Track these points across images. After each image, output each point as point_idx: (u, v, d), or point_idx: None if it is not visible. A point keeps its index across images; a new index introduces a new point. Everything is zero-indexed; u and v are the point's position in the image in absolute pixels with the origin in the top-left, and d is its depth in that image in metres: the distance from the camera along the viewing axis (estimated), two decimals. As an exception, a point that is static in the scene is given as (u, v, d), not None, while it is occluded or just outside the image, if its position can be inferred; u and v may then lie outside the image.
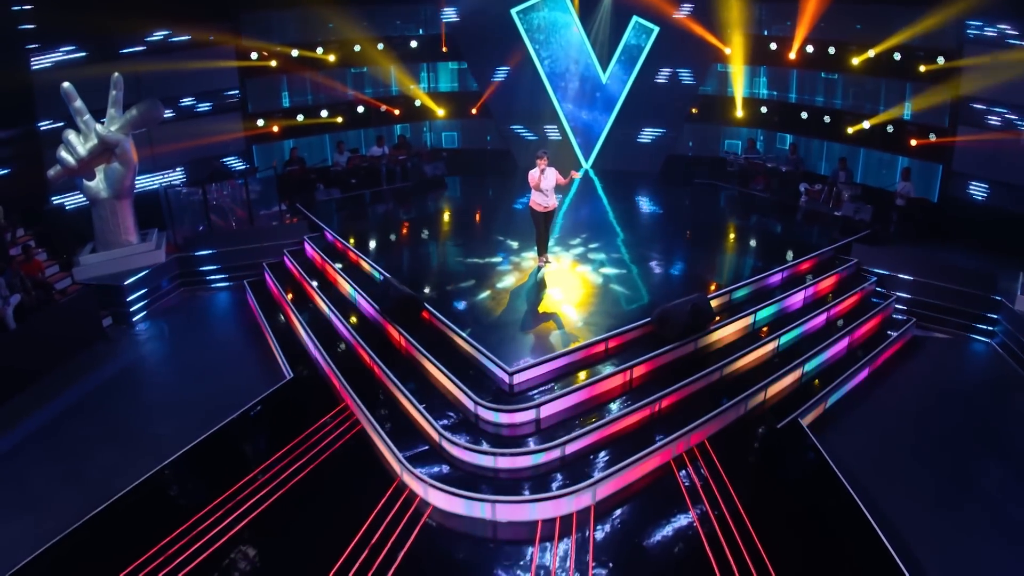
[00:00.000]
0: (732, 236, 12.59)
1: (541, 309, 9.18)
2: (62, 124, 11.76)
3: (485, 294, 9.64)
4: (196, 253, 12.95)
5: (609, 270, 10.42)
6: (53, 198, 12.83)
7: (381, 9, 16.67)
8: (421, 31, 17.20)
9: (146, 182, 13.77)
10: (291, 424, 8.13)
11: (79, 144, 11.45)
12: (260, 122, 15.54)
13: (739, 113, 16.22)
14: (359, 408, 8.03)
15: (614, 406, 7.59)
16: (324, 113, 16.37)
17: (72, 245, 12.36)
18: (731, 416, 7.80)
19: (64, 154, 11.41)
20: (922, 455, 7.78)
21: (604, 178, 16.69)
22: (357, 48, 16.33)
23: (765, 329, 9.24)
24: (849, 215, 12.87)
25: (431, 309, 8.99)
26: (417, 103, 17.56)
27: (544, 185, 9.95)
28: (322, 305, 10.53)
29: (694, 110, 16.73)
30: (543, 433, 7.22)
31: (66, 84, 11.28)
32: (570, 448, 7.06)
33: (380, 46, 16.56)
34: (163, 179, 14.27)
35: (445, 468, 6.98)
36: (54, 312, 10.53)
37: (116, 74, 11.66)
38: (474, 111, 17.81)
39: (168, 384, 9.94)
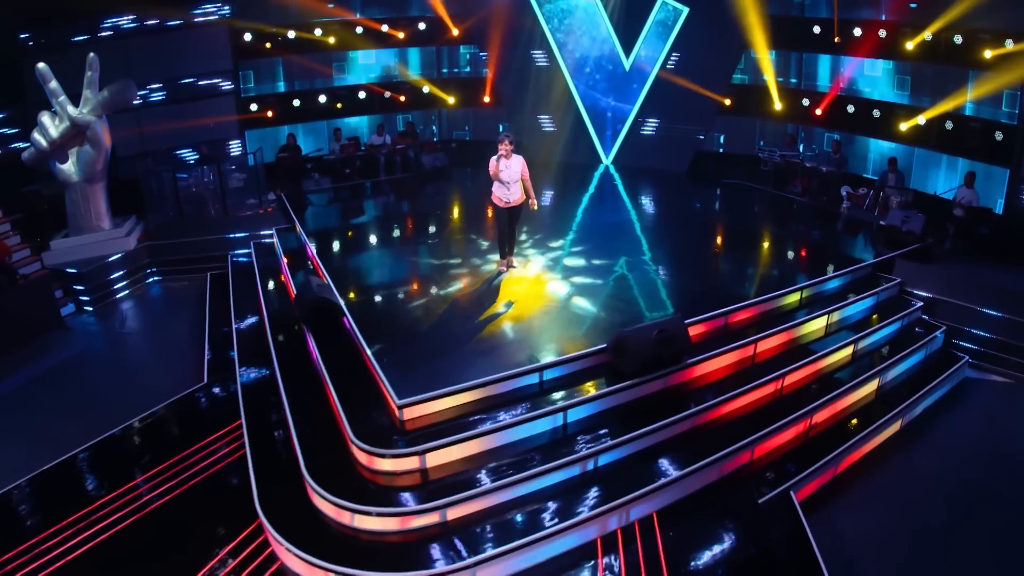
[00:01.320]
0: (751, 246, 10.27)
1: (479, 325, 7.23)
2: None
3: (420, 302, 7.93)
4: (166, 242, 11.84)
5: (584, 279, 8.44)
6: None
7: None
8: (431, 12, 15.50)
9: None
10: (175, 439, 6.93)
11: (52, 126, 10.68)
12: (253, 107, 14.28)
13: (777, 106, 13.80)
14: (245, 431, 6.53)
15: (536, 457, 5.69)
16: (322, 99, 14.97)
17: (50, 229, 11.53)
18: (697, 483, 5.75)
19: (37, 136, 10.68)
20: (963, 549, 5.54)
21: (623, 175, 14.59)
22: (359, 30, 14.84)
23: (767, 363, 7.10)
24: (895, 225, 10.27)
25: (349, 317, 7.34)
26: (425, 90, 15.94)
27: (505, 176, 8.11)
28: (262, 305, 9.08)
29: (727, 102, 14.39)
30: (429, 488, 5.42)
31: (41, 65, 10.45)
32: (455, 512, 5.23)
33: (384, 27, 15.01)
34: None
35: (304, 519, 5.37)
36: (9, 297, 9.68)
37: (92, 55, 10.73)
38: (487, 99, 16.05)
39: (94, 380, 8.80)
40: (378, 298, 8.23)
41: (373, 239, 11.03)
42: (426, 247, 10.17)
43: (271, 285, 9.84)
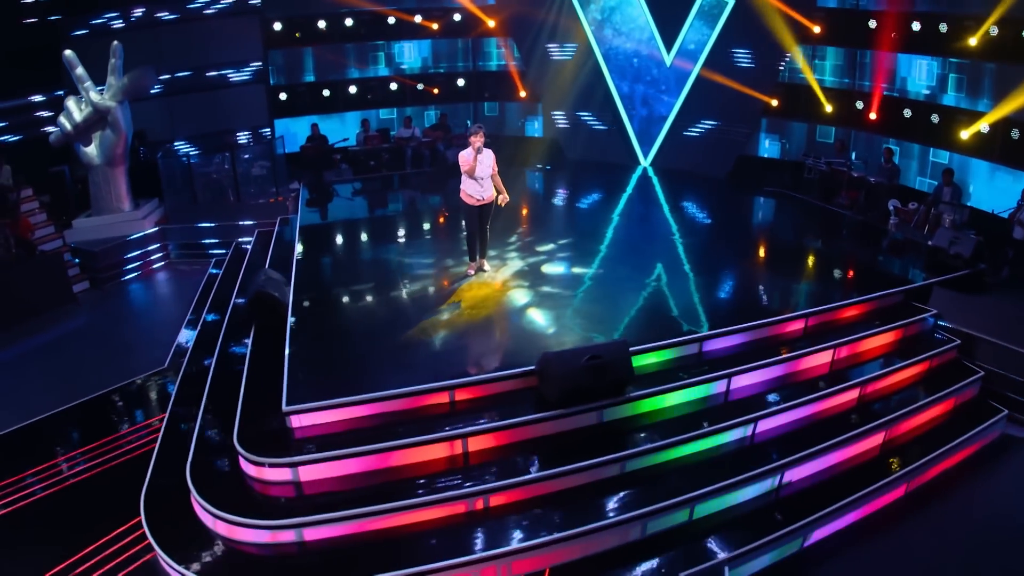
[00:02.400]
0: (768, 263, 8.88)
1: (415, 333, 6.43)
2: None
3: (369, 303, 7.25)
4: (180, 226, 11.89)
5: (553, 289, 7.43)
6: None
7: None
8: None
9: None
10: (107, 423, 6.89)
11: (76, 110, 10.96)
12: (283, 96, 14.13)
13: (827, 108, 12.14)
14: (164, 423, 6.18)
15: (422, 486, 4.88)
16: (352, 89, 14.62)
17: (77, 209, 11.84)
18: (610, 540, 4.74)
19: (63, 119, 10.99)
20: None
21: (659, 178, 13.32)
22: (391, 21, 14.36)
23: (741, 403, 5.90)
24: (942, 246, 8.57)
25: (288, 313, 6.80)
26: (460, 83, 15.28)
27: (480, 171, 7.29)
28: (233, 296, 8.76)
29: (774, 102, 12.83)
30: (293, 503, 4.79)
31: (68, 52, 10.72)
32: (313, 534, 4.54)
33: (418, 18, 14.46)
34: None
35: (179, 519, 5.01)
36: (24, 271, 9.93)
37: (116, 43, 10.87)
38: (523, 94, 15.19)
39: (82, 355, 8.82)
40: (332, 296, 7.63)
41: (361, 234, 10.47)
42: (407, 246, 9.48)
43: (243, 271, 9.50)
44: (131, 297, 10.82)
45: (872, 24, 11.09)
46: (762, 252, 9.30)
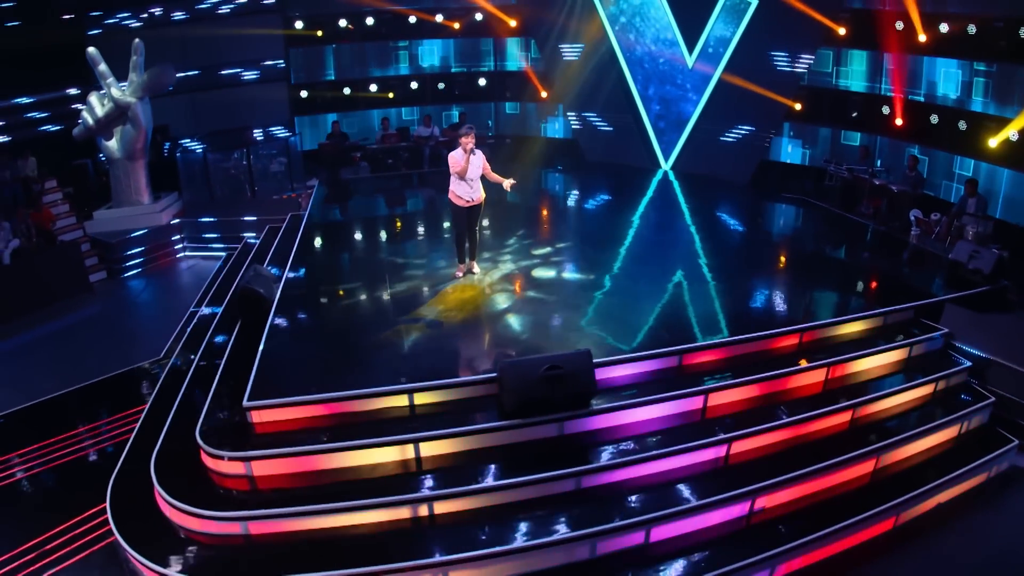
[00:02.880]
0: (773, 273, 8.43)
1: (389, 334, 6.34)
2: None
3: (353, 302, 7.17)
4: (196, 220, 12.11)
5: (538, 295, 7.19)
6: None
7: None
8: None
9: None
10: (96, 409, 7.10)
11: (99, 106, 11.25)
12: (304, 93, 14.27)
13: (853, 113, 11.54)
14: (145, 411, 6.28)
15: (369, 489, 4.79)
16: (373, 88, 14.66)
17: (100, 201, 12.20)
18: (557, 558, 4.48)
19: (86, 114, 11.30)
20: None
21: (678, 183, 12.92)
22: (412, 20, 14.34)
23: (719, 421, 5.56)
24: (961, 260, 8.00)
25: (272, 309, 6.80)
26: (481, 82, 15.16)
27: (471, 172, 7.13)
28: (230, 290, 8.81)
29: (797, 106, 12.26)
30: (256, 497, 4.78)
31: (91, 49, 11.00)
32: (257, 528, 4.57)
33: (439, 18, 14.40)
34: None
35: (141, 507, 5.07)
36: (43, 260, 10.27)
37: (137, 40, 11.11)
38: (544, 95, 14.98)
39: (89, 342, 9.07)
40: (318, 293, 7.61)
41: (363, 233, 10.42)
42: (405, 245, 9.39)
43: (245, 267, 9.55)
44: (144, 288, 11.07)
45: (899, 26, 10.45)
46: (769, 262, 8.85)
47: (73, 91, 12.76)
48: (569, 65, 14.24)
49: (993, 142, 9.29)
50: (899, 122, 10.87)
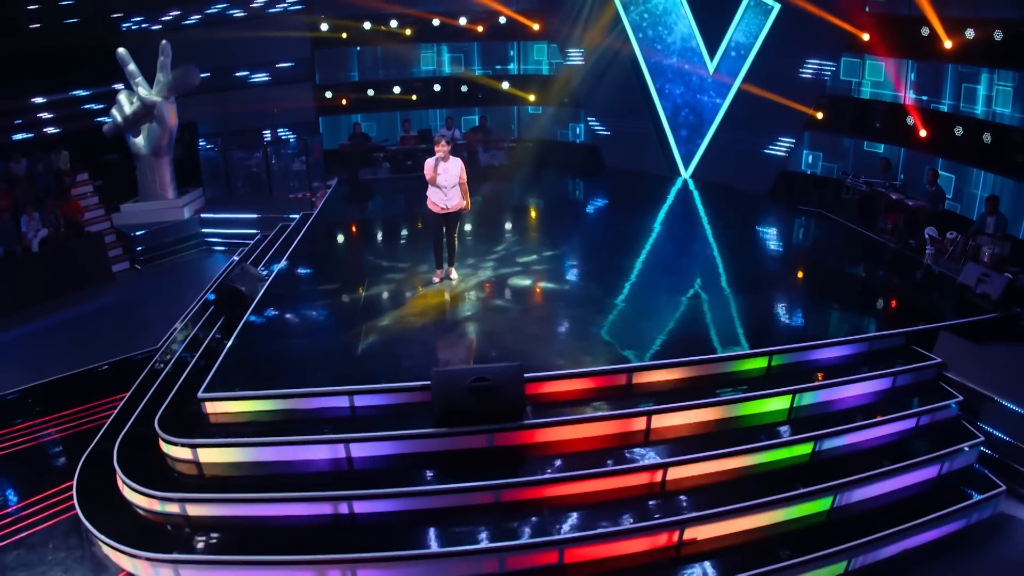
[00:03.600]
0: (765, 290, 7.93)
1: (354, 334, 6.52)
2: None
3: (327, 303, 7.41)
4: (215, 215, 12.74)
5: (505, 304, 7.20)
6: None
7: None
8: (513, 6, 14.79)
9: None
10: (85, 393, 7.49)
11: (127, 104, 11.97)
12: (328, 94, 14.77)
13: (876, 124, 11.02)
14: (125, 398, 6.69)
15: (297, 484, 5.03)
16: (396, 89, 15.03)
17: (127, 194, 13.01)
18: (462, 569, 4.50)
19: (115, 112, 12.03)
20: None
21: (697, 191, 12.70)
22: (436, 23, 14.62)
23: (662, 444, 5.47)
24: (968, 284, 7.51)
25: (250, 309, 7.14)
26: (505, 85, 15.31)
27: (443, 180, 7.27)
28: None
29: (819, 115, 11.82)
30: (200, 482, 5.14)
31: (121, 50, 11.71)
32: (195, 510, 4.97)
33: (462, 20, 14.63)
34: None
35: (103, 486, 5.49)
36: (68, 249, 11.03)
37: (164, 42, 11.76)
38: (565, 99, 14.99)
39: (101, 328, 9.67)
40: (298, 292, 7.84)
41: (361, 234, 10.65)
42: (395, 248, 9.56)
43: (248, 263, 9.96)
44: (161, 279, 11.67)
45: (924, 31, 9.82)
46: (762, 279, 8.36)
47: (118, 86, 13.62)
48: (591, 70, 14.20)
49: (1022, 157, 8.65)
50: (923, 133, 10.29)
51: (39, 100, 12.96)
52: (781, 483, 5.23)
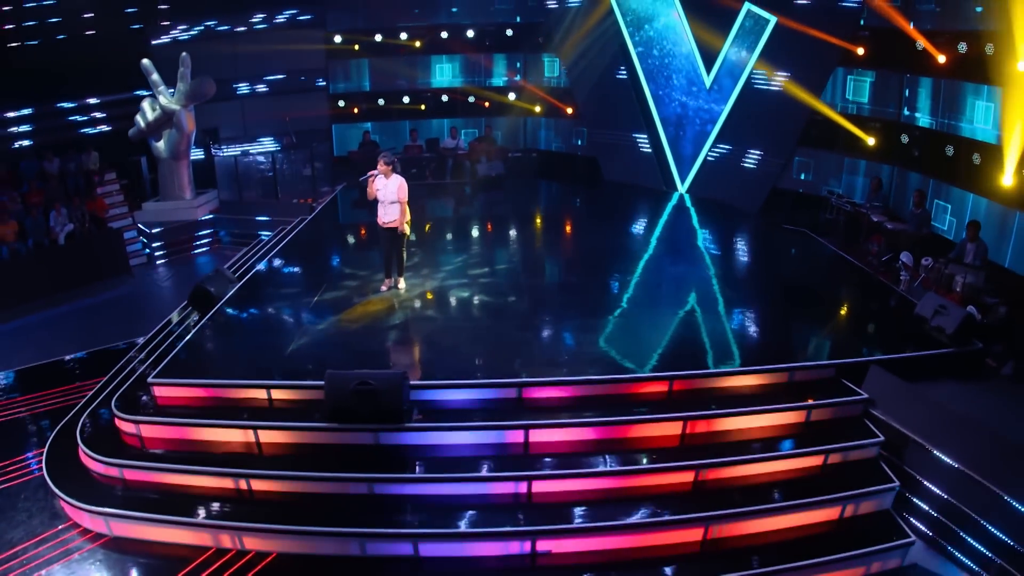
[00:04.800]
0: (696, 309, 8.27)
1: (291, 332, 7.57)
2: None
3: (284, 304, 8.42)
4: (226, 216, 14.20)
5: (433, 314, 7.99)
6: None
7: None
8: (519, 19, 15.67)
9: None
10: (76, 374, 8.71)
11: (149, 111, 13.49)
12: (341, 103, 16.07)
13: (870, 141, 11.17)
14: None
15: (212, 459, 6.08)
16: (406, 99, 16.18)
17: (148, 193, 14.69)
18: (328, 548, 5.31)
19: (138, 117, 13.58)
20: None
21: (684, 207, 13.20)
22: (444, 35, 15.66)
23: (540, 457, 5.97)
24: (925, 316, 7.45)
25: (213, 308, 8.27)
26: (511, 96, 16.20)
27: (381, 196, 8.21)
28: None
29: (811, 132, 12.02)
30: (143, 452, 6.26)
31: (145, 60, 13.23)
32: (130, 475, 6.11)
33: (470, 33, 15.61)
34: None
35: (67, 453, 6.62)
36: (91, 244, 12.63)
37: (184, 54, 13.21)
38: (570, 111, 15.73)
39: (109, 317, 11.02)
40: (261, 295, 8.85)
41: (339, 240, 11.60)
42: (363, 255, 10.37)
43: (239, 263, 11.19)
44: (173, 274, 13.17)
45: (919, 46, 9.90)
46: (711, 300, 8.61)
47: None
48: (592, 84, 14.88)
49: (1008, 179, 8.49)
50: (915, 153, 10.39)
51: (94, 100, 14.86)
52: (653, 507, 5.56)
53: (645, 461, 5.92)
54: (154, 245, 13.38)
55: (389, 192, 8.05)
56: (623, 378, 6.53)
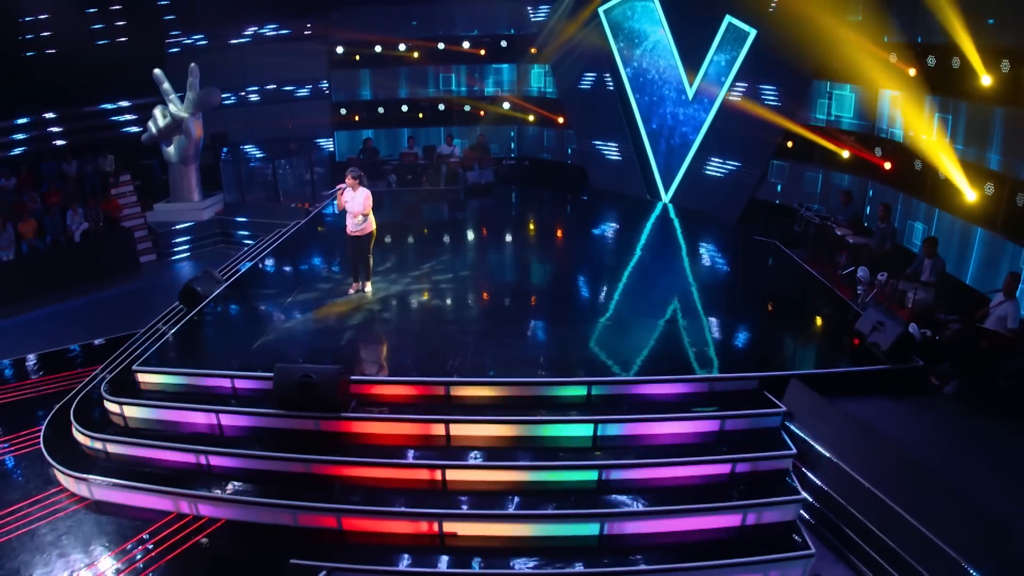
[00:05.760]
0: (639, 317, 8.84)
1: (260, 328, 8.65)
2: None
3: (258, 302, 9.56)
4: (229, 218, 15.55)
5: (390, 317, 8.97)
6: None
7: (478, 7, 16.70)
8: (513, 31, 16.69)
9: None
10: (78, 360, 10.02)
11: (160, 118, 14.89)
12: (343, 111, 17.31)
13: (844, 153, 11.64)
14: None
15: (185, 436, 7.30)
16: (404, 108, 17.33)
17: (159, 195, 16.11)
18: (267, 516, 6.47)
19: (150, 124, 15.00)
20: None
21: (663, 216, 14.02)
22: (441, 46, 16.76)
23: (460, 450, 6.91)
24: (863, 331, 7.78)
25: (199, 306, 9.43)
26: (505, 106, 17.23)
27: (349, 207, 9.29)
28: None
29: (789, 143, 12.70)
30: (124, 429, 7.47)
31: (157, 71, 14.61)
32: (113, 448, 7.31)
33: (465, 44, 16.68)
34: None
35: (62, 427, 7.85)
36: (104, 242, 14.08)
37: (193, 64, 14.52)
38: (560, 120, 16.69)
39: (116, 310, 12.32)
40: (242, 294, 9.93)
41: (323, 244, 12.56)
42: (340, 260, 11.15)
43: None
44: (179, 270, 14.54)
45: (892, 58, 10.33)
46: (657, 309, 9.17)
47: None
48: (580, 94, 15.79)
49: (972, 195, 8.88)
50: (887, 166, 10.84)
51: (125, 103, 16.36)
52: (556, 502, 6.23)
53: (554, 459, 6.58)
54: (167, 243, 14.68)
55: (356, 204, 9.11)
56: (543, 381, 7.30)
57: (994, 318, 7.68)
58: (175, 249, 14.98)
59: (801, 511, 6.44)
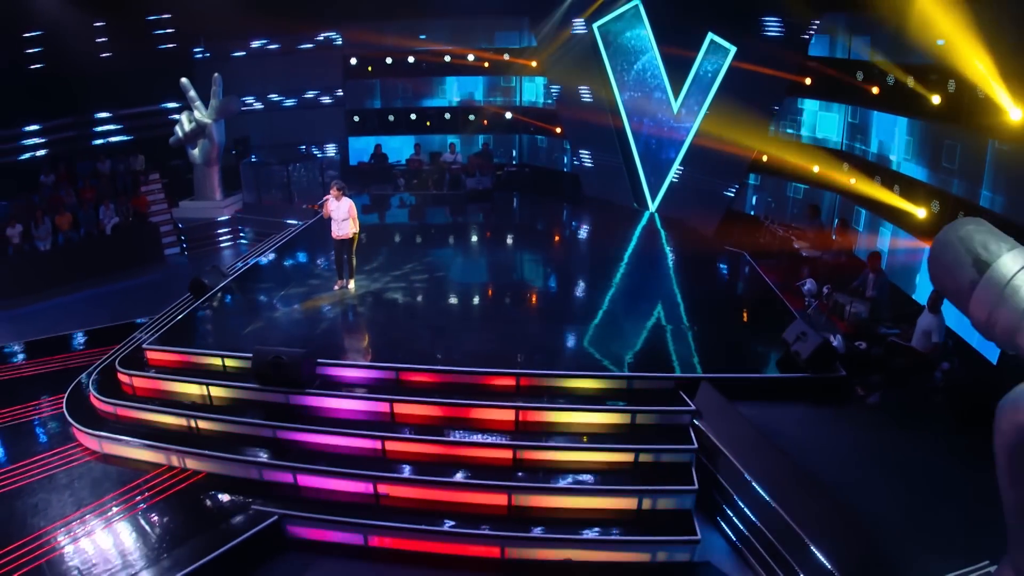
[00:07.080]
0: (586, 317, 10.25)
1: (252, 316, 10.36)
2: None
3: (255, 293, 11.27)
4: (247, 216, 17.44)
5: (365, 312, 10.50)
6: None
7: (482, 22, 18.27)
8: (515, 44, 18.16)
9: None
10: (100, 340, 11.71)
11: (186, 123, 16.82)
12: (356, 118, 19.09)
13: (815, 168, 12.56)
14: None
15: (188, 406, 8.97)
16: (413, 116, 19.02)
17: (185, 193, 18.14)
18: (237, 471, 8.13)
19: (177, 128, 16.97)
20: None
21: (645, 225, 15.29)
22: (448, 59, 18.38)
23: (402, 426, 8.47)
24: (788, 340, 8.63)
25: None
26: (508, 115, 18.73)
27: (335, 215, 10.93)
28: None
29: (764, 157, 13.76)
30: (133, 397, 9.18)
31: (183, 79, 16.57)
32: (123, 412, 9.06)
33: (471, 57, 18.26)
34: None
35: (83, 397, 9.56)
36: (132, 235, 16.11)
37: (216, 74, 16.43)
38: (558, 130, 18.10)
39: (136, 297, 14.12)
40: (244, 287, 11.62)
41: (321, 243, 13.77)
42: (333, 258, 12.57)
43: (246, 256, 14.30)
44: (199, 263, 16.43)
45: (859, 76, 11.18)
46: (606, 309, 10.53)
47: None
48: (575, 105, 17.18)
49: (922, 212, 9.60)
50: (852, 181, 11.65)
51: (172, 104, 18.43)
52: (474, 472, 7.46)
53: (477, 437, 7.84)
54: (190, 237, 16.65)
55: (340, 212, 10.75)
56: (477, 371, 8.53)
57: (919, 333, 8.46)
58: (196, 244, 16.87)
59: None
